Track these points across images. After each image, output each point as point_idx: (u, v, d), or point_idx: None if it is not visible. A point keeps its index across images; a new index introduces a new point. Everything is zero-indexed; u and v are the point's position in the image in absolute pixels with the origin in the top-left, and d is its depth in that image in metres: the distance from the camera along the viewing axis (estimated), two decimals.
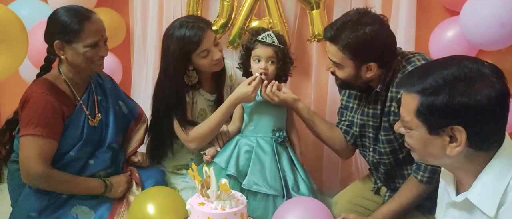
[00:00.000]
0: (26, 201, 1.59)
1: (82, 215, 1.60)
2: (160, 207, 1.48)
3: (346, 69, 1.51)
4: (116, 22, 2.25)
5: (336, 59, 1.50)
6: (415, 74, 1.03)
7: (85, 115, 1.64)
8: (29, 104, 1.53)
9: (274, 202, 1.66)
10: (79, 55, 1.56)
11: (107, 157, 1.70)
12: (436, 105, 0.96)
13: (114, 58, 2.29)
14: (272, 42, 1.75)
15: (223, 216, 1.25)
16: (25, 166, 1.53)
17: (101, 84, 1.77)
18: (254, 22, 2.12)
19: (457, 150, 0.98)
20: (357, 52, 1.45)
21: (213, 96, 1.93)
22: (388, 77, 1.53)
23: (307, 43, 2.14)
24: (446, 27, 1.96)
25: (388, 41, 1.47)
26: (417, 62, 1.48)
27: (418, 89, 0.99)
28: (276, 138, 1.76)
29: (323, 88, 2.20)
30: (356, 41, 1.43)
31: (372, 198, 1.82)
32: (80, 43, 1.55)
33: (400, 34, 2.04)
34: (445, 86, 0.96)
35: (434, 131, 1.00)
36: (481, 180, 1.00)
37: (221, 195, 1.29)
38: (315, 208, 1.49)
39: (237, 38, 2.14)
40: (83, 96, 1.66)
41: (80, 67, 1.60)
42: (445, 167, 1.11)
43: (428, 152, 1.04)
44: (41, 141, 1.52)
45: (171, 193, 1.57)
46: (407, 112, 1.03)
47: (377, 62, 1.47)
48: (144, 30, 2.26)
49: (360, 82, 1.53)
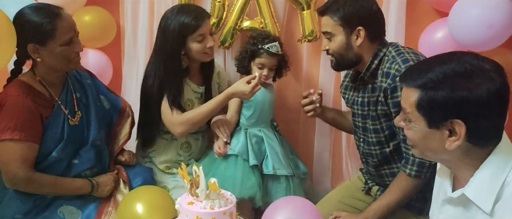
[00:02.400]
0: (10, 204, 1.56)
1: (69, 215, 1.58)
2: (149, 207, 1.47)
3: (337, 37, 1.58)
4: (107, 20, 2.23)
5: (328, 28, 1.59)
6: (415, 69, 1.04)
7: (64, 115, 1.60)
8: (5, 108, 1.48)
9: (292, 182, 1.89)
10: (55, 55, 1.51)
11: (92, 155, 1.67)
12: (437, 99, 0.97)
13: (104, 56, 2.28)
14: (277, 52, 1.90)
15: (212, 215, 1.25)
16: (6, 171, 1.50)
17: (79, 80, 1.72)
18: (245, 22, 2.12)
19: (456, 144, 0.99)
20: (345, 17, 1.55)
21: (201, 89, 1.95)
22: (374, 65, 1.57)
23: (297, 44, 2.15)
24: (435, 28, 1.98)
25: (375, 9, 1.58)
26: (406, 55, 1.51)
27: (418, 84, 1.00)
28: (275, 127, 2.01)
29: (314, 87, 2.20)
30: (344, 6, 1.55)
31: (363, 198, 1.83)
32: (55, 43, 1.49)
33: (389, 35, 2.04)
34: (446, 81, 0.97)
35: (433, 124, 1.01)
36: (478, 175, 1.01)
37: (210, 194, 1.28)
38: (304, 207, 1.49)
39: (229, 38, 2.13)
40: (60, 96, 1.61)
41: (57, 67, 1.56)
42: (442, 163, 1.11)
43: (427, 146, 1.05)
44: (20, 145, 1.48)
45: (160, 192, 1.56)
46: (408, 105, 1.04)
47: (365, 27, 1.54)
48: (135, 29, 2.25)
49: (352, 54, 1.59)
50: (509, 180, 0.97)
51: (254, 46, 1.91)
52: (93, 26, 2.18)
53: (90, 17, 2.18)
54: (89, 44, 2.23)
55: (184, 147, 1.97)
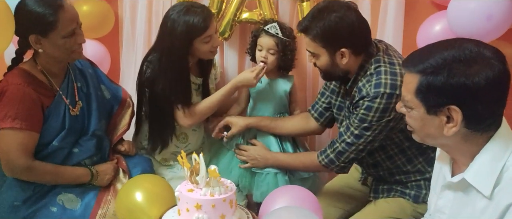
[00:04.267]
0: (9, 191, 1.56)
1: (68, 202, 1.58)
2: (148, 195, 1.47)
3: (321, 58, 1.56)
4: (105, 11, 2.22)
5: (311, 49, 1.57)
6: (418, 54, 1.05)
7: (65, 105, 1.59)
8: (6, 96, 1.47)
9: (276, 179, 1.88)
10: (57, 47, 1.50)
11: (92, 144, 1.67)
12: (434, 84, 0.99)
13: (103, 47, 2.26)
14: (276, 33, 1.89)
15: (212, 202, 1.26)
16: (6, 160, 1.50)
17: (81, 69, 1.72)
18: (244, 13, 2.12)
19: (453, 130, 1.00)
20: (326, 40, 1.52)
21: (199, 80, 1.95)
22: (360, 76, 1.56)
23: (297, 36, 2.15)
24: (434, 21, 1.99)
25: (355, 26, 1.51)
26: (382, 75, 1.50)
27: (419, 69, 1.01)
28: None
29: (315, 80, 2.20)
30: (323, 29, 1.50)
31: (359, 188, 1.84)
32: (57, 34, 1.48)
33: (388, 29, 2.07)
34: (445, 67, 0.98)
35: (432, 110, 1.02)
36: (478, 160, 1.02)
37: (210, 181, 1.29)
38: (303, 196, 1.50)
39: (228, 30, 2.13)
40: (62, 85, 1.60)
41: (59, 58, 1.56)
42: (442, 148, 1.13)
43: (426, 132, 1.06)
44: (20, 134, 1.47)
45: (159, 180, 1.56)
46: (407, 91, 1.05)
47: (348, 48, 1.52)
48: (133, 19, 2.23)
49: (339, 70, 1.58)
50: (509, 165, 0.99)
51: (257, 30, 1.97)
52: (91, 16, 2.16)
53: (88, 7, 2.16)
54: (87, 34, 2.14)
55: (181, 138, 1.97)
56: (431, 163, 1.57)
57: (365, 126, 1.52)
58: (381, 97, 1.47)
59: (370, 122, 1.50)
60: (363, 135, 1.53)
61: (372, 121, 1.50)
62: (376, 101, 1.47)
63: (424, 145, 1.57)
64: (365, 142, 1.55)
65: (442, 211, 1.13)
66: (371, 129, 1.52)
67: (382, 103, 1.47)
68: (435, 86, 0.99)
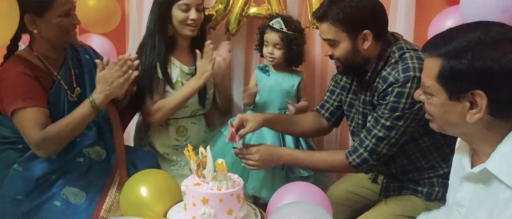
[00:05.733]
0: (11, 184, 1.54)
1: (72, 197, 1.56)
2: (153, 190, 1.44)
3: (342, 44, 1.50)
4: (112, 6, 2.20)
5: (330, 35, 1.49)
6: (440, 38, 1.01)
7: (64, 91, 1.59)
8: (7, 81, 1.48)
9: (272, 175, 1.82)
10: (53, 26, 1.51)
11: (93, 132, 1.65)
12: (458, 68, 0.94)
13: (109, 42, 2.24)
14: (280, 28, 1.89)
15: (219, 196, 1.23)
16: (28, 141, 1.50)
17: (77, 56, 1.71)
18: (252, 8, 2.09)
19: (476, 116, 0.96)
20: (348, 22, 1.46)
21: (191, 70, 1.93)
22: (380, 66, 1.52)
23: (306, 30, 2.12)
24: (446, 16, 1.95)
25: (376, 5, 1.49)
26: (408, 61, 1.46)
27: (441, 53, 0.97)
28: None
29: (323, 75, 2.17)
30: (345, 11, 1.45)
31: (369, 186, 1.80)
32: (52, 13, 1.49)
33: (399, 24, 2.03)
34: (469, 49, 0.94)
35: (454, 96, 0.98)
36: (501, 149, 0.98)
37: (217, 175, 1.26)
38: (312, 193, 1.46)
39: (235, 25, 2.10)
40: (60, 72, 1.60)
41: (54, 40, 1.55)
42: (462, 137, 1.08)
43: (447, 119, 1.02)
44: (32, 111, 1.47)
45: (164, 175, 1.53)
46: (428, 77, 1.01)
47: (371, 29, 1.47)
48: (140, 15, 2.21)
49: (360, 58, 1.52)
50: None
51: (263, 27, 1.96)
52: (98, 11, 2.16)
53: (95, 2, 2.16)
54: (94, 29, 2.20)
55: (180, 131, 1.95)
56: (445, 158, 1.53)
57: (397, 114, 1.44)
58: (412, 81, 1.41)
59: (403, 109, 1.43)
60: (396, 125, 1.45)
61: (405, 108, 1.43)
62: (407, 86, 1.42)
63: (441, 141, 1.53)
64: (397, 134, 1.46)
65: (461, 204, 1.08)
66: (404, 118, 1.45)
67: (413, 88, 1.41)
68: (459, 70, 0.95)
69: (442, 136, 1.57)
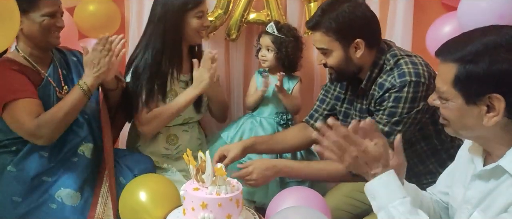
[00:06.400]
0: (7, 186, 1.54)
1: (67, 198, 1.56)
2: (152, 195, 1.44)
3: (335, 53, 1.50)
4: (111, 11, 2.22)
5: (323, 45, 1.50)
6: (453, 43, 1.01)
7: (53, 88, 1.61)
8: None
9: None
10: (35, 25, 1.53)
11: (84, 130, 1.66)
12: (476, 73, 0.94)
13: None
14: (272, 32, 1.96)
15: (218, 201, 1.23)
16: (23, 131, 1.50)
17: (65, 58, 1.73)
18: (252, 14, 2.10)
19: (494, 120, 0.96)
20: (340, 31, 1.46)
21: (186, 77, 1.90)
22: (375, 74, 1.52)
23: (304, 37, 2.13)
24: (444, 22, 1.97)
25: (368, 15, 1.49)
26: (403, 66, 1.46)
27: (456, 58, 0.97)
28: (279, 120, 1.98)
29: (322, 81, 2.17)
30: (336, 20, 1.45)
31: None
32: (37, 12, 1.51)
33: (397, 30, 2.05)
34: (486, 53, 0.93)
35: (471, 100, 0.98)
36: None
37: (216, 180, 1.26)
38: (310, 197, 1.46)
39: (235, 31, 2.11)
40: (48, 70, 1.63)
41: (37, 40, 1.56)
42: (477, 140, 1.08)
43: (463, 123, 1.02)
44: (24, 102, 1.49)
45: (164, 180, 1.53)
46: (443, 82, 1.01)
47: (363, 38, 1.47)
48: (140, 19, 2.22)
49: (353, 66, 1.53)
50: None
51: (261, 32, 2.02)
52: (98, 16, 2.17)
53: (95, 7, 2.17)
54: (93, 34, 2.21)
55: (170, 139, 1.92)
56: (442, 164, 1.54)
57: (395, 119, 1.45)
58: (409, 86, 1.43)
59: (401, 114, 1.44)
60: (394, 130, 1.46)
61: (402, 113, 1.44)
62: (404, 91, 1.43)
63: (438, 146, 1.53)
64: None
65: (470, 202, 1.07)
66: (402, 123, 1.46)
67: (410, 92, 1.43)
68: (476, 74, 0.94)
69: (439, 141, 1.58)
